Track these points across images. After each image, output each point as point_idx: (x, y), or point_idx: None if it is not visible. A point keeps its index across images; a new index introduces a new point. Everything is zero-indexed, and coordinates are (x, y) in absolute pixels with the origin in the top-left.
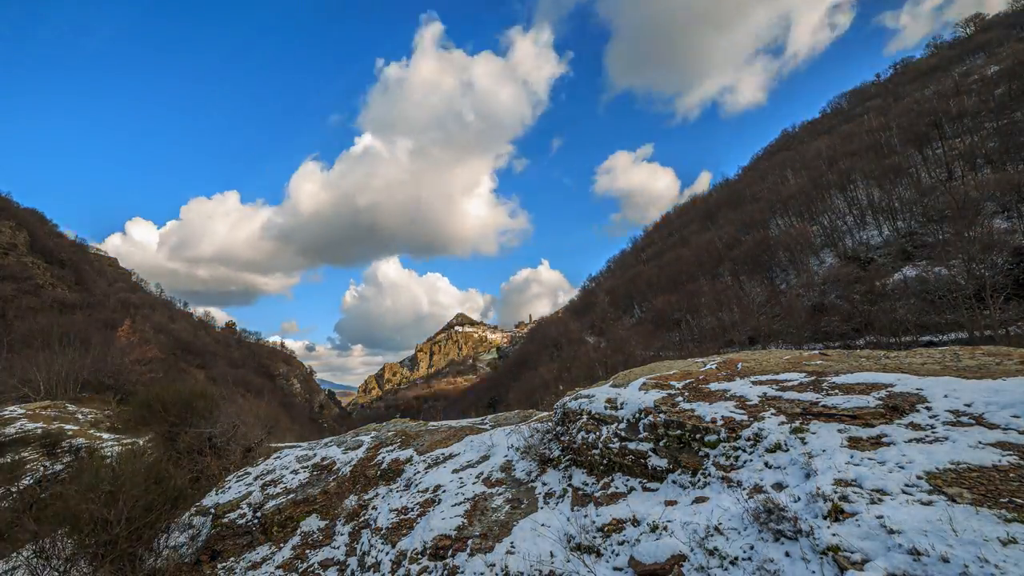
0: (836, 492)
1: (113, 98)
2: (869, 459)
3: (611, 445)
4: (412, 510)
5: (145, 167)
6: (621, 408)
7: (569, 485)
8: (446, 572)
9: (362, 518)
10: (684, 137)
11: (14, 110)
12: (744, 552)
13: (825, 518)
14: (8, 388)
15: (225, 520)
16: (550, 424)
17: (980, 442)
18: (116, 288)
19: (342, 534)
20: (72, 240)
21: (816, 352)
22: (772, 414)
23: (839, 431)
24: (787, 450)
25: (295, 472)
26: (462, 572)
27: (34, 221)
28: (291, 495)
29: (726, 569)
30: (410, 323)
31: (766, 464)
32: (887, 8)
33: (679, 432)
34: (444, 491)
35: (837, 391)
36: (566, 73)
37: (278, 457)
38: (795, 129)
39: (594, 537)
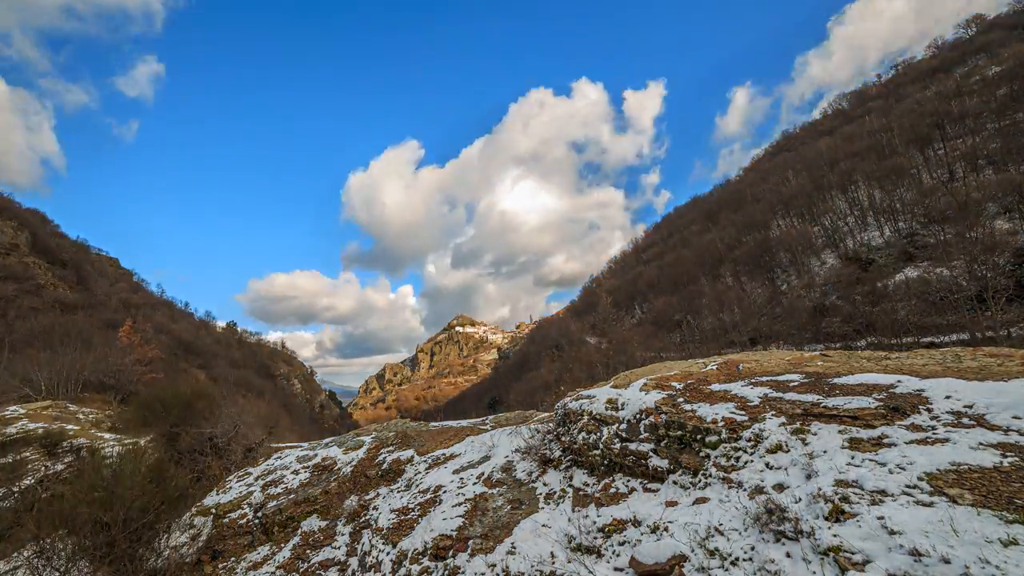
0: (837, 493)
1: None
2: (870, 460)
3: (612, 445)
4: (413, 510)
5: None
6: (622, 409)
7: (570, 485)
8: (447, 572)
9: (363, 518)
10: None
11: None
12: (745, 552)
13: (826, 519)
14: (9, 388)
15: (226, 520)
16: (551, 425)
17: (981, 443)
18: (117, 288)
19: (343, 534)
20: (74, 240)
21: (817, 353)
22: (773, 415)
23: (840, 432)
24: (788, 451)
25: (296, 472)
26: (463, 572)
27: (36, 221)
28: (292, 495)
29: (727, 569)
30: None
31: (767, 465)
32: None
33: (680, 433)
34: (445, 491)
35: (838, 392)
36: None
37: (279, 457)
38: (796, 130)
39: (595, 537)
